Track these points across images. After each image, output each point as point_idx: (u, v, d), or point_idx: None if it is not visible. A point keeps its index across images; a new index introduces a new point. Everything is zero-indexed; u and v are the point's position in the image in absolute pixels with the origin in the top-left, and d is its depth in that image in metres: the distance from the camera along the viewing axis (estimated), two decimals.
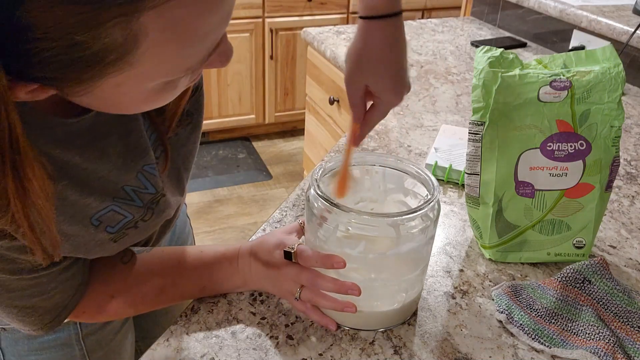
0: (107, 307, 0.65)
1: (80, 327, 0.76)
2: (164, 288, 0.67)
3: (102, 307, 0.65)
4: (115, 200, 0.58)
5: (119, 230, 0.59)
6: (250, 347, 0.62)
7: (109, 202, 0.57)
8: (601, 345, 0.61)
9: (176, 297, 0.68)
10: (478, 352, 0.63)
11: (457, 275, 0.75)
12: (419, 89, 1.40)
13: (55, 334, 0.75)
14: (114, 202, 0.57)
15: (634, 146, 1.15)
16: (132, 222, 0.60)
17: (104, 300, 0.65)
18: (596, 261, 0.71)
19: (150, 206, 0.62)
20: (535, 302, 0.68)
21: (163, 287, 0.67)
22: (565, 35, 1.66)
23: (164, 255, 0.69)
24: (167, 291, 0.67)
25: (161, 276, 0.67)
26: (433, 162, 0.97)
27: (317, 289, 0.62)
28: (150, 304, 0.69)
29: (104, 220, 0.57)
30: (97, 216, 0.56)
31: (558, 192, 0.73)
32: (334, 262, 0.59)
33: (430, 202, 0.59)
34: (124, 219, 0.59)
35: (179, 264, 0.68)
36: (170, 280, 0.67)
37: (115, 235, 0.59)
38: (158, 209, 0.63)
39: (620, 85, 0.70)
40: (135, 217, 0.60)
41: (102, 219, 0.57)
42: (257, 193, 2.78)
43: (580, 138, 0.71)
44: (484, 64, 0.71)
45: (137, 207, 0.60)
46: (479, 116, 0.71)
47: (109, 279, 0.66)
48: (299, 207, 0.88)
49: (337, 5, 3.02)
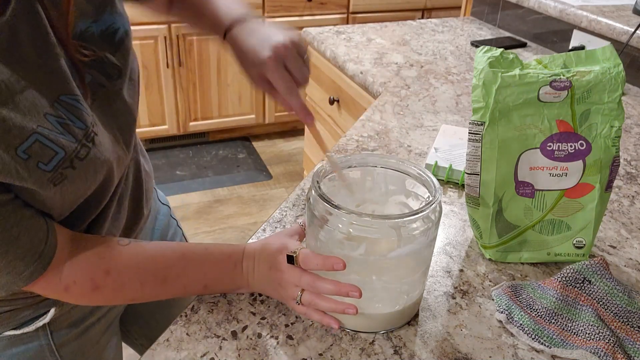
0: (102, 284, 0.63)
1: (52, 338, 0.74)
2: (167, 279, 0.65)
3: (96, 281, 0.62)
4: (40, 129, 0.54)
5: (55, 169, 0.55)
6: (250, 347, 0.62)
7: (31, 129, 0.53)
8: (601, 345, 0.61)
9: (178, 290, 0.67)
10: (478, 352, 0.63)
11: (457, 275, 0.75)
12: (419, 89, 1.40)
13: (25, 345, 0.73)
14: (38, 130, 0.54)
15: (634, 146, 1.15)
16: (67, 159, 0.56)
17: (98, 275, 0.62)
18: (596, 261, 0.71)
19: (84, 143, 0.58)
20: (535, 302, 0.68)
21: (165, 278, 0.65)
22: (565, 35, 1.66)
23: (168, 247, 0.68)
24: (169, 282, 0.66)
25: (164, 266, 0.66)
26: (433, 162, 0.97)
27: (318, 292, 0.62)
28: (151, 294, 0.67)
29: (32, 154, 0.53)
30: (23, 147, 0.52)
31: (558, 192, 0.73)
32: (334, 263, 0.59)
33: (432, 203, 0.59)
34: (56, 155, 0.55)
35: (184, 258, 0.66)
36: (174, 272, 0.66)
37: (52, 175, 0.55)
38: (95, 149, 0.60)
39: (620, 85, 0.70)
40: (68, 152, 0.56)
41: (30, 152, 0.53)
42: (257, 193, 2.78)
43: (580, 138, 0.71)
44: (484, 64, 0.71)
45: (67, 142, 0.56)
46: (479, 116, 0.71)
47: (105, 254, 0.64)
48: (299, 207, 0.88)
49: (337, 5, 3.02)
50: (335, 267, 0.59)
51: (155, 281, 0.65)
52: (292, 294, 0.64)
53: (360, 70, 1.51)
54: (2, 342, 0.72)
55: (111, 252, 0.64)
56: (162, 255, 0.66)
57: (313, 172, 0.66)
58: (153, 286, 0.66)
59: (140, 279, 0.65)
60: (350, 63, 1.56)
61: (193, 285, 0.67)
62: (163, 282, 0.65)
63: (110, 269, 0.63)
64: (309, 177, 1.02)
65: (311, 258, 0.61)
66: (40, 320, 0.72)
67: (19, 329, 0.71)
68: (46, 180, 0.55)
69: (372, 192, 0.69)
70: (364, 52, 1.65)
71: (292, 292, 0.64)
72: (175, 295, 0.68)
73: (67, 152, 0.56)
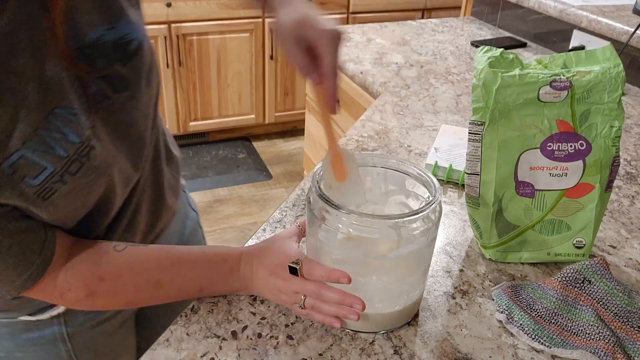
0: (96, 290, 0.63)
1: (66, 326, 0.75)
2: (161, 283, 0.66)
3: (91, 288, 0.63)
4: (27, 146, 0.52)
5: (42, 184, 0.55)
6: (250, 347, 0.62)
7: (17, 147, 0.52)
8: (601, 345, 0.61)
9: (174, 293, 0.67)
10: (478, 352, 0.63)
11: (457, 275, 0.75)
12: (419, 89, 1.40)
13: (39, 331, 0.74)
14: (25, 147, 0.52)
15: (634, 146, 1.15)
16: (56, 174, 0.55)
17: (92, 282, 0.62)
18: (596, 261, 0.71)
19: (76, 158, 0.57)
20: (535, 302, 0.68)
21: (160, 282, 0.66)
22: (565, 35, 1.66)
23: (162, 251, 0.68)
24: (164, 286, 0.66)
25: (158, 270, 0.66)
26: (433, 162, 0.97)
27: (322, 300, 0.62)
28: (146, 298, 0.67)
29: (18, 168, 0.52)
30: (8, 163, 0.52)
31: (558, 192, 0.73)
32: (340, 277, 0.59)
33: (432, 203, 0.59)
34: (44, 169, 0.54)
35: (179, 261, 0.67)
36: (168, 276, 0.66)
37: (39, 189, 0.55)
38: (89, 163, 0.58)
39: (620, 85, 0.70)
40: (57, 168, 0.55)
41: (15, 167, 0.52)
42: (257, 193, 2.78)
43: (580, 138, 0.71)
44: (484, 64, 0.71)
45: (58, 157, 0.55)
46: (479, 116, 0.71)
47: (99, 261, 0.63)
48: (299, 207, 0.88)
49: (337, 5, 3.02)
50: (341, 281, 0.59)
51: (149, 286, 0.66)
52: (294, 299, 0.64)
53: (360, 70, 1.51)
54: (18, 326, 0.73)
55: (106, 259, 0.64)
56: (156, 260, 0.66)
57: (313, 172, 0.66)
58: (148, 291, 0.66)
59: (135, 284, 0.65)
60: (350, 63, 1.56)
61: (188, 288, 0.67)
62: (157, 287, 0.66)
63: (104, 275, 0.63)
64: (309, 177, 1.02)
65: (316, 269, 0.61)
66: (54, 310, 0.73)
67: (33, 316, 0.73)
68: (33, 194, 0.55)
69: (372, 192, 0.69)
70: (364, 52, 1.65)
71: (294, 298, 0.64)
72: (172, 299, 0.68)
73: (56, 168, 0.55)
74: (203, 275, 0.67)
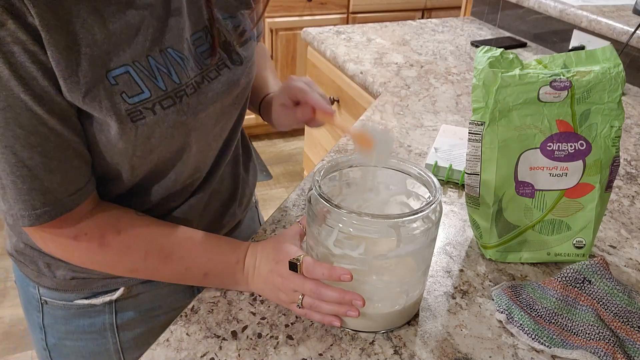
0: (110, 242, 0.64)
1: (116, 318, 0.76)
2: (171, 256, 0.66)
3: (106, 237, 0.64)
4: (135, 65, 0.58)
5: (136, 105, 0.58)
6: (250, 347, 0.62)
7: (126, 61, 0.57)
8: (601, 345, 0.61)
9: (179, 271, 0.67)
10: (478, 352, 0.63)
11: (457, 275, 0.75)
12: (419, 89, 1.40)
13: (91, 319, 0.76)
14: (133, 65, 0.58)
15: (634, 146, 1.15)
16: (150, 101, 0.59)
17: (109, 232, 0.64)
18: (596, 261, 0.71)
19: (171, 96, 0.61)
20: (535, 302, 0.68)
21: (170, 255, 0.66)
22: (565, 35, 1.66)
23: (181, 228, 0.69)
24: (173, 261, 0.66)
25: (171, 243, 0.66)
26: (433, 162, 0.97)
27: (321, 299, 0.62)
28: (151, 268, 0.67)
29: (120, 82, 0.57)
30: (113, 73, 0.56)
31: (558, 192, 0.73)
32: (341, 274, 0.59)
33: (432, 203, 0.59)
34: (142, 93, 0.59)
35: (191, 240, 0.68)
36: (179, 252, 0.66)
37: (132, 109, 0.58)
38: (180, 106, 0.62)
39: (620, 85, 0.70)
40: (152, 96, 0.59)
41: (118, 80, 0.57)
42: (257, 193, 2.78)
43: (580, 138, 0.71)
44: (484, 64, 0.71)
45: (157, 87, 0.60)
46: (479, 116, 0.71)
47: (121, 217, 0.65)
48: (299, 207, 0.88)
49: (337, 5, 3.02)
50: (342, 279, 0.59)
51: (160, 256, 0.66)
52: (292, 298, 0.64)
53: (360, 70, 1.51)
54: (71, 310, 0.76)
55: (128, 217, 0.66)
56: (172, 234, 0.67)
57: (313, 171, 0.66)
58: (156, 259, 0.66)
59: (146, 248, 0.66)
60: (350, 63, 1.56)
61: (194, 270, 0.68)
62: (166, 258, 0.66)
63: (121, 229, 0.65)
64: (309, 177, 1.03)
65: (316, 268, 0.61)
66: (108, 295, 0.75)
67: (88, 299, 0.75)
68: (124, 112, 0.58)
69: (372, 192, 0.69)
70: (364, 52, 1.65)
71: (292, 297, 0.64)
72: (175, 277, 0.68)
73: (152, 95, 0.59)
74: (211, 261, 0.68)
